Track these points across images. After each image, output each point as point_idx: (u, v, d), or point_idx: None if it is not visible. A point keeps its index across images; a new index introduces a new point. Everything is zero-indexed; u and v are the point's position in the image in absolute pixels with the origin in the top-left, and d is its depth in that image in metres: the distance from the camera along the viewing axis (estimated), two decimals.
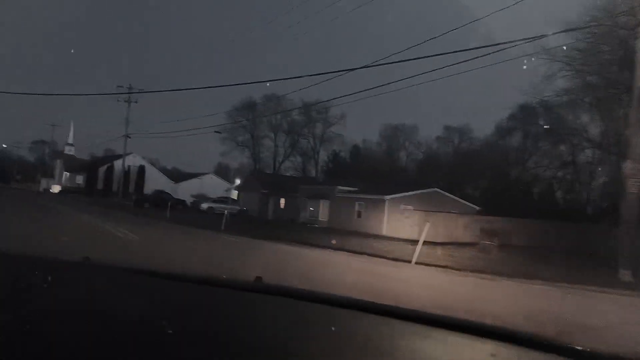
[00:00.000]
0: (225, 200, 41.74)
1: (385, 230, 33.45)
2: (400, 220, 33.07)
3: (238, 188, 53.47)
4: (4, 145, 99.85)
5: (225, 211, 23.61)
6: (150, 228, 19.25)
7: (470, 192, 58.13)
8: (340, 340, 1.35)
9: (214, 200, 46.01)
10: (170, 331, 1.21)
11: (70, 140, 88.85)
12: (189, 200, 52.43)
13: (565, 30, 19.44)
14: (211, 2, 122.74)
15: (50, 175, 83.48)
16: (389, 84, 19.03)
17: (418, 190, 37.49)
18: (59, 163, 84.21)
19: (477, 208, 40.37)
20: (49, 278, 1.56)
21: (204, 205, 44.80)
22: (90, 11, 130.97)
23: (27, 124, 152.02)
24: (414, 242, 23.40)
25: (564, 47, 21.00)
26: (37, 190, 73.87)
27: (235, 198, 51.32)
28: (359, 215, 36.48)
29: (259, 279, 1.98)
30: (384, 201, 34.71)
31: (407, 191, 36.81)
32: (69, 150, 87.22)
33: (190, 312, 1.47)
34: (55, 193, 68.84)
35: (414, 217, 31.94)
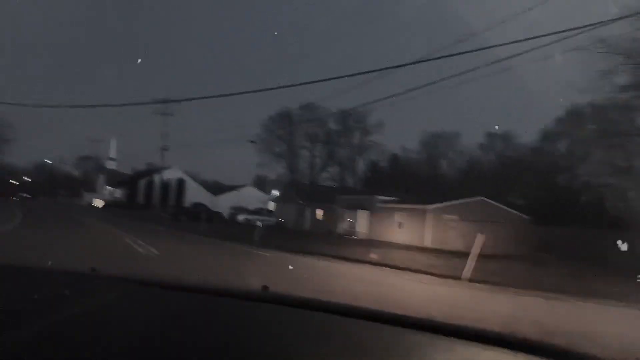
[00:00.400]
0: (261, 211, 40.87)
1: (428, 242, 31.73)
2: (444, 231, 31.29)
3: (275, 199, 52.75)
4: (46, 161, 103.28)
5: (258, 222, 22.52)
6: (177, 242, 18.25)
7: (515, 201, 55.56)
8: (347, 349, 1.34)
9: (251, 212, 45.29)
10: (170, 342, 1.26)
11: (112, 155, 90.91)
12: (227, 212, 52.10)
13: (627, 17, 17.36)
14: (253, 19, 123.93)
15: (93, 189, 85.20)
16: (429, 85, 17.42)
17: (463, 199, 35.50)
18: (101, 177, 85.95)
19: (526, 217, 38.03)
20: (53, 289, 1.61)
21: (241, 217, 44.12)
22: (130, 28, 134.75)
23: (74, 141, 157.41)
24: (460, 254, 21.70)
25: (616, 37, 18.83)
26: (80, 205, 75.52)
27: (272, 209, 50.49)
28: (400, 226, 34.83)
29: (265, 288, 1.94)
30: (426, 211, 32.96)
31: (451, 200, 34.91)
32: (111, 165, 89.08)
33: (191, 322, 1.45)
34: (98, 207, 70.12)
35: (460, 228, 30.11)
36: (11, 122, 47.26)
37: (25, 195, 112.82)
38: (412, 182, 60.56)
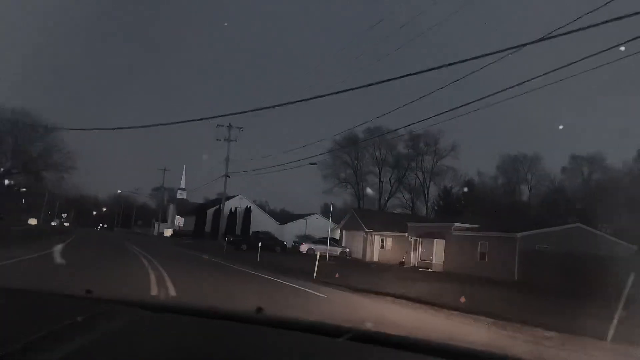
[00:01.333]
0: (326, 241, 37.90)
1: (517, 276, 27.26)
2: (536, 264, 26.71)
3: (342, 227, 49.84)
4: (119, 191, 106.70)
5: (318, 253, 19.49)
6: (213, 277, 15.27)
7: (607, 229, 49.70)
8: None
9: (314, 241, 42.39)
10: None
11: (182, 185, 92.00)
12: (292, 241, 49.99)
13: None
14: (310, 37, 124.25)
15: (164, 219, 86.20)
16: (511, 87, 13.53)
17: (556, 226, 30.71)
18: (171, 207, 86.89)
19: (633, 247, 32.47)
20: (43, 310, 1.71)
21: (303, 247, 41.31)
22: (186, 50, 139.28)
23: (151, 172, 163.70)
24: (564, 293, 17.54)
25: None
26: (149, 235, 76.45)
27: (338, 238, 47.40)
28: (483, 257, 30.53)
29: (260, 309, 1.91)
30: (514, 240, 28.56)
31: (543, 227, 30.25)
32: (180, 195, 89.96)
33: (186, 346, 1.46)
34: (167, 236, 70.63)
35: (555, 259, 25.51)
36: (73, 150, 47.95)
37: (103, 225, 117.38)
38: (491, 208, 56.02)
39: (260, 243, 29.39)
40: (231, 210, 62.25)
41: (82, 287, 1.98)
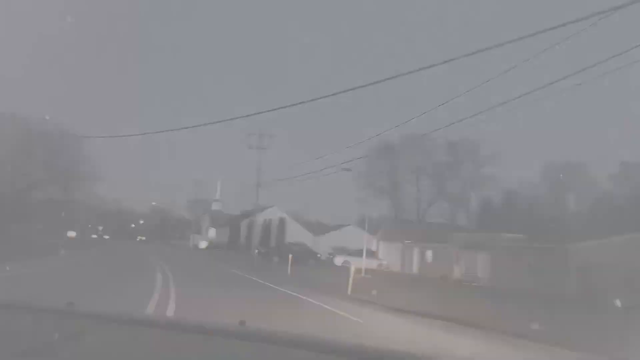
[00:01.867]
0: (362, 253, 35.90)
1: (574, 291, 24.60)
2: (598, 278, 23.96)
3: (379, 239, 47.76)
4: (153, 203, 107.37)
5: (352, 266, 17.66)
6: (231, 296, 13.33)
7: None
8: None
9: (349, 254, 40.36)
10: None
11: (217, 196, 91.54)
12: (327, 253, 48.29)
13: None
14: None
15: (199, 231, 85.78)
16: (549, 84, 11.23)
17: (617, 236, 27.71)
18: (206, 219, 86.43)
19: None
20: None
21: (338, 260, 39.32)
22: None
23: (187, 184, 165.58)
24: None
25: None
26: (184, 247, 76.12)
27: (374, 250, 45.25)
28: (533, 270, 27.85)
29: (242, 323, 1.84)
30: (569, 251, 25.95)
31: (601, 238, 27.37)
32: (216, 206, 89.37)
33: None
34: (202, 248, 70.03)
35: (620, 274, 22.74)
36: (106, 162, 48.04)
37: (141, 238, 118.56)
38: (536, 218, 53.01)
39: (291, 255, 27.67)
40: (265, 221, 61.06)
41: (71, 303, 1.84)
